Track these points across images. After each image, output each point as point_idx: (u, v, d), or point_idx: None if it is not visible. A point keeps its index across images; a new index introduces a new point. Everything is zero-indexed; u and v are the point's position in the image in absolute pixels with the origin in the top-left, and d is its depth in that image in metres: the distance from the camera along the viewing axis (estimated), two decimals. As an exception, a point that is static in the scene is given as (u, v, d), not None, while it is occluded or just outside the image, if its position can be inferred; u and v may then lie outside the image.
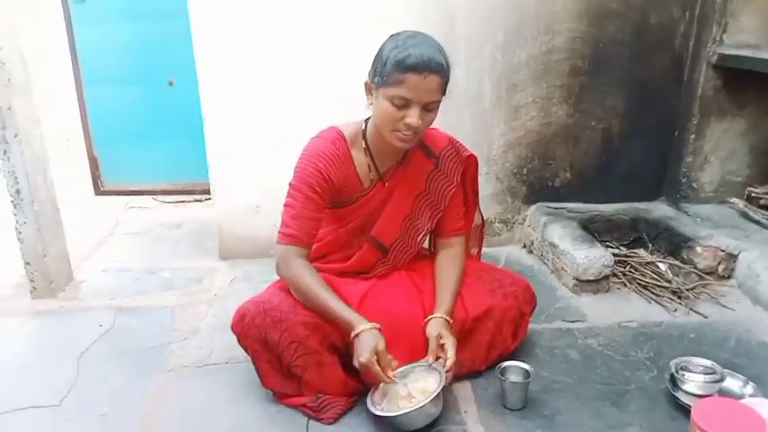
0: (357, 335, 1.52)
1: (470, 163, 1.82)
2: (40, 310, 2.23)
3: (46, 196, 2.29)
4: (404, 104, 1.50)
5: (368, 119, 1.69)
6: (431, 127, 1.75)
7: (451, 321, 1.68)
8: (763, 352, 1.90)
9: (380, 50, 1.54)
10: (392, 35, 1.55)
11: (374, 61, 1.55)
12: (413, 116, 1.50)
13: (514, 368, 1.67)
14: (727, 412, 1.29)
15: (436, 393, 1.50)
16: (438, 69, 1.48)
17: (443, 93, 1.54)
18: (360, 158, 1.69)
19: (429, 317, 1.69)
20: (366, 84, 1.59)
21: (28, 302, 2.28)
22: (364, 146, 1.69)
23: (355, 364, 1.52)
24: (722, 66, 2.52)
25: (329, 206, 1.71)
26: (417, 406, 1.49)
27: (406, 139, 1.56)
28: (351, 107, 1.82)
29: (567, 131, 2.71)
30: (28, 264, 2.28)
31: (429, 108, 1.53)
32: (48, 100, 3.63)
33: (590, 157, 2.76)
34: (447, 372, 1.56)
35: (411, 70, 1.45)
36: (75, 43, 3.05)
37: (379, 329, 1.54)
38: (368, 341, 1.51)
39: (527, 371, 1.65)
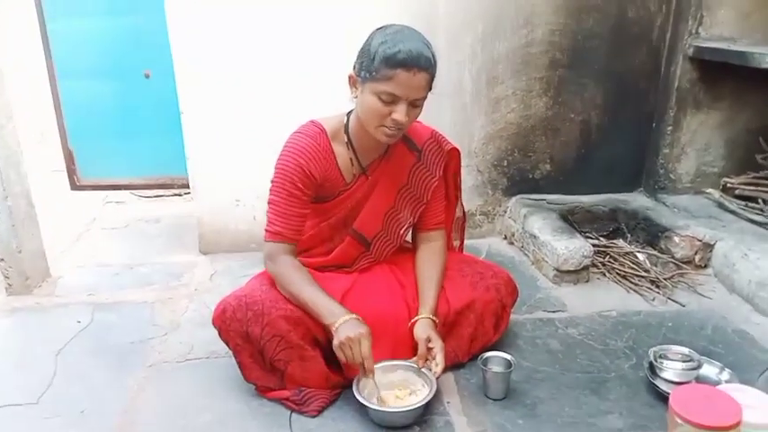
0: (342, 323, 1.50)
1: (453, 156, 1.82)
2: (16, 307, 2.19)
3: (20, 191, 2.24)
4: (391, 100, 1.49)
5: (350, 112, 1.67)
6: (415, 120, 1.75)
7: (437, 321, 1.68)
8: (738, 339, 1.94)
9: (367, 44, 1.52)
10: (379, 28, 1.53)
11: (360, 55, 1.53)
12: (400, 112, 1.49)
13: (496, 358, 1.68)
14: (704, 399, 1.31)
15: (425, 402, 1.51)
16: (427, 66, 1.47)
17: (430, 88, 1.54)
18: (341, 153, 1.68)
19: (415, 318, 1.68)
20: (350, 77, 1.57)
21: (3, 299, 2.24)
22: (346, 140, 1.68)
23: (335, 343, 1.49)
24: (698, 58, 2.55)
25: (312, 201, 1.70)
26: (412, 407, 1.50)
27: (391, 134, 1.55)
28: (330, 100, 1.81)
29: (546, 124, 2.72)
30: (2, 260, 2.23)
31: (415, 104, 1.52)
32: (21, 94, 3.57)
33: (569, 148, 2.78)
34: (436, 378, 1.57)
35: (401, 66, 1.44)
36: (47, 36, 2.99)
37: (363, 321, 1.54)
38: (352, 325, 1.50)
39: (509, 361, 1.66)
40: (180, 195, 3.37)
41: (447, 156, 1.78)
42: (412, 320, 1.68)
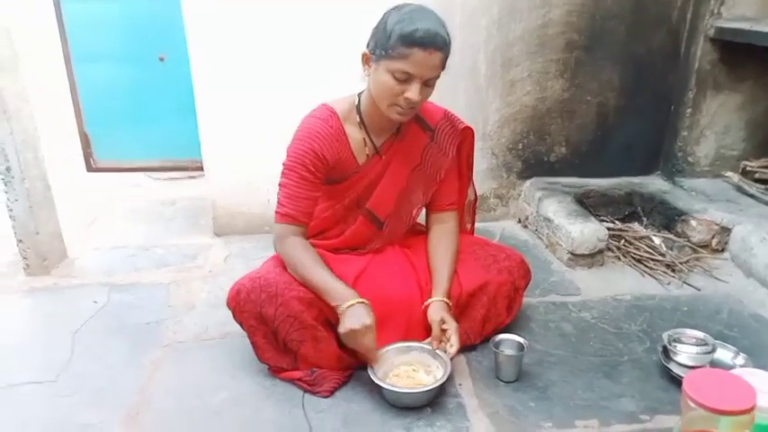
0: (348, 306, 1.51)
1: (466, 135, 1.80)
2: (34, 287, 2.23)
3: (37, 173, 2.27)
4: (405, 79, 1.48)
5: (361, 93, 1.67)
6: (426, 101, 1.73)
7: (451, 304, 1.68)
8: (754, 324, 1.92)
9: (383, 22, 1.51)
10: (394, 7, 1.52)
11: (375, 32, 1.53)
12: (413, 91, 1.49)
13: (508, 341, 1.68)
14: (718, 383, 1.30)
15: (439, 384, 1.52)
16: (443, 45, 1.47)
17: (443, 68, 1.53)
18: (354, 133, 1.68)
19: (429, 300, 1.68)
20: (364, 55, 1.56)
21: (21, 280, 2.28)
22: (358, 120, 1.67)
23: (341, 330, 1.51)
24: (719, 39, 2.50)
25: (324, 183, 1.70)
26: (428, 388, 1.51)
27: (403, 113, 1.55)
28: (344, 82, 1.79)
29: (562, 106, 2.69)
30: (20, 241, 2.26)
31: (429, 83, 1.52)
32: (38, 77, 3.59)
33: (585, 131, 2.75)
34: (451, 359, 1.58)
35: (417, 45, 1.44)
36: (62, 20, 3.00)
37: (371, 307, 1.54)
38: (359, 311, 1.50)
39: (521, 344, 1.66)
40: (194, 178, 3.39)
41: (461, 135, 1.77)
42: (425, 303, 1.69)
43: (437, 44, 1.45)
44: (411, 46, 1.44)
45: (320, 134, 1.62)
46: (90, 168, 3.34)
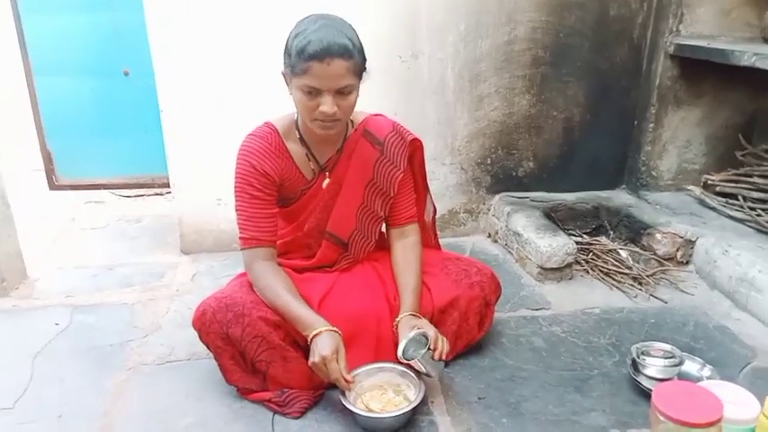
0: (316, 335, 1.49)
1: (416, 147, 1.78)
2: (-8, 310, 2.15)
3: (-5, 191, 2.20)
4: (315, 93, 1.47)
5: None
6: (377, 114, 1.73)
7: (419, 315, 1.66)
8: (719, 335, 1.95)
9: (287, 39, 1.52)
10: (298, 21, 1.53)
11: (284, 51, 1.53)
12: (326, 104, 1.48)
13: (411, 344, 1.55)
14: (686, 395, 1.31)
15: (412, 407, 1.49)
16: (342, 53, 1.44)
17: (358, 75, 1.51)
18: (296, 150, 1.67)
19: (397, 319, 1.64)
20: (283, 74, 1.56)
21: (-22, 302, 2.19)
22: (298, 136, 1.67)
23: (310, 363, 1.49)
24: (679, 56, 2.57)
25: (279, 204, 1.68)
26: (401, 411, 1.48)
27: (326, 126, 1.54)
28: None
29: (529, 121, 2.73)
30: (-23, 262, 2.19)
31: (344, 92, 1.49)
32: (-3, 91, 3.49)
33: (552, 146, 2.79)
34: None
35: (313, 58, 1.43)
36: (23, 33, 2.93)
37: (339, 333, 1.52)
38: (325, 341, 1.48)
39: (421, 336, 1.55)
40: (161, 195, 3.33)
41: (410, 147, 1.74)
42: (395, 322, 1.65)
43: (333, 53, 1.43)
44: (308, 60, 1.43)
45: (257, 151, 1.61)
46: (52, 186, 3.25)
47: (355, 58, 1.48)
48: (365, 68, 1.54)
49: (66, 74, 3.01)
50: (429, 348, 1.53)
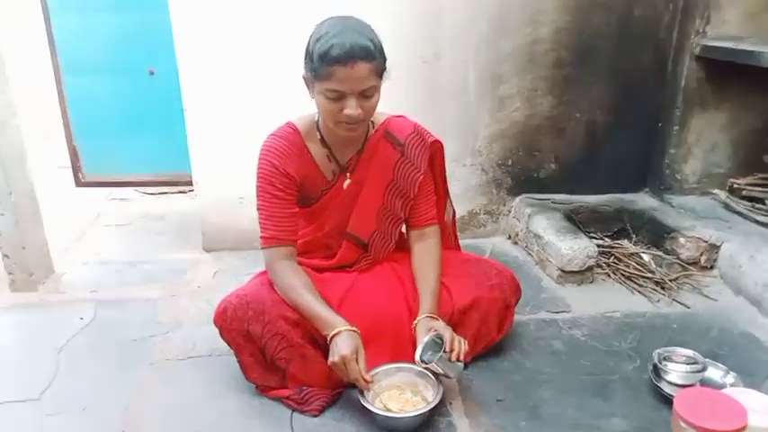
0: (335, 335, 1.50)
1: (436, 148, 1.78)
2: (20, 303, 2.20)
3: (24, 187, 2.25)
4: (339, 96, 1.47)
5: None
6: (399, 115, 1.73)
7: (438, 318, 1.65)
8: (744, 342, 1.92)
9: (308, 43, 1.51)
10: (318, 24, 1.52)
11: (304, 55, 1.53)
12: (351, 107, 1.47)
13: (428, 345, 1.55)
14: (708, 402, 1.30)
15: (430, 408, 1.50)
16: (364, 56, 1.44)
17: (380, 76, 1.51)
18: (317, 151, 1.68)
19: (415, 321, 1.64)
20: (304, 78, 1.56)
21: (7, 295, 2.25)
22: (319, 137, 1.67)
23: (329, 362, 1.50)
24: (705, 57, 2.53)
25: (299, 204, 1.69)
26: (418, 412, 1.49)
27: (351, 128, 1.54)
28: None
29: (551, 123, 2.71)
30: (6, 256, 2.24)
31: (367, 95, 1.49)
32: (27, 91, 3.57)
33: (575, 148, 2.77)
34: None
35: (336, 62, 1.42)
36: (52, 33, 2.99)
37: (358, 333, 1.52)
38: (345, 341, 1.49)
39: (434, 340, 1.54)
40: (184, 192, 3.37)
41: (430, 148, 1.74)
42: (413, 324, 1.64)
43: (356, 56, 1.42)
44: (331, 64, 1.42)
45: (278, 150, 1.62)
46: (78, 183, 3.31)
47: (377, 60, 1.48)
48: (385, 68, 1.54)
49: (94, 73, 3.06)
50: (444, 351, 1.53)
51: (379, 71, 1.50)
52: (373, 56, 1.46)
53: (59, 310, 2.15)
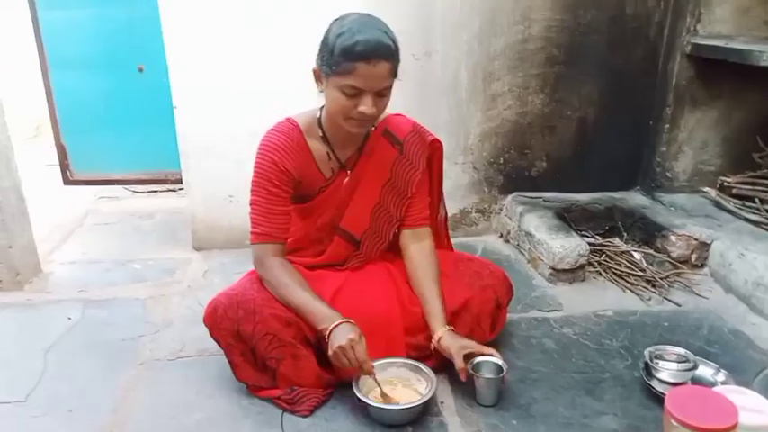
0: (335, 326, 1.49)
1: (435, 148, 1.78)
2: (6, 303, 2.17)
3: (10, 185, 2.22)
4: (355, 93, 1.46)
5: (323, 106, 1.65)
6: (397, 113, 1.73)
7: (455, 329, 1.65)
8: (734, 340, 1.93)
9: (326, 37, 1.49)
10: (336, 19, 1.51)
11: (320, 48, 1.51)
12: (366, 104, 1.47)
13: (488, 363, 1.62)
14: (700, 400, 1.30)
15: (425, 400, 1.50)
16: (387, 55, 1.44)
17: (395, 76, 1.51)
18: (317, 147, 1.66)
19: (436, 336, 1.61)
20: (315, 71, 1.55)
21: (-7, 295, 2.22)
22: (321, 134, 1.66)
23: (330, 353, 1.48)
24: (696, 56, 2.54)
25: (294, 201, 1.68)
26: (414, 404, 1.49)
27: (361, 125, 1.54)
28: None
29: (543, 121, 2.71)
30: (-8, 255, 2.21)
31: (382, 94, 1.49)
32: (14, 88, 3.53)
33: (566, 146, 2.77)
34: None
35: (360, 59, 1.41)
36: (39, 28, 2.95)
37: (355, 324, 1.52)
38: (347, 328, 1.48)
39: (500, 366, 1.60)
40: (174, 191, 3.35)
41: (429, 148, 1.74)
42: (435, 339, 1.62)
43: (380, 55, 1.42)
44: (354, 60, 1.41)
45: (279, 146, 1.60)
46: (67, 180, 3.27)
47: (397, 60, 1.48)
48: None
49: (82, 69, 3.02)
50: (502, 378, 1.58)
51: (396, 71, 1.50)
52: (394, 56, 1.47)
53: (47, 310, 2.12)
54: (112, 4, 2.89)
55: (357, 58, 1.41)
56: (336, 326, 1.49)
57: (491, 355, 1.60)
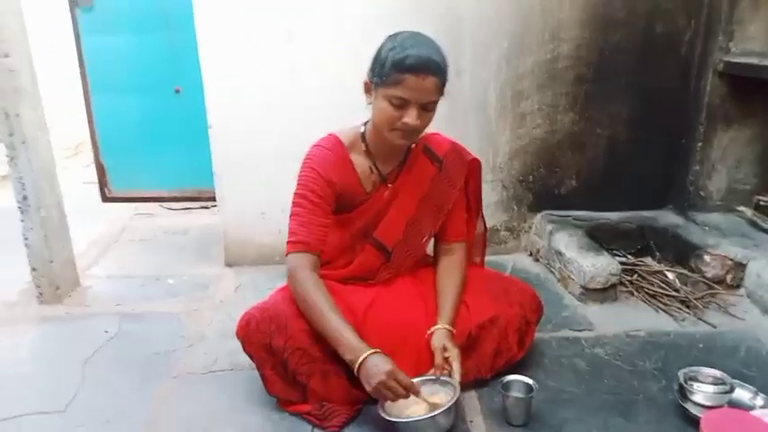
0: (364, 359, 1.47)
1: (473, 167, 1.82)
2: (47, 316, 2.24)
3: (53, 202, 2.30)
4: (402, 104, 1.51)
5: (366, 122, 1.70)
6: (435, 132, 1.75)
7: (454, 331, 1.67)
8: (772, 362, 1.88)
9: (379, 50, 1.55)
10: (391, 35, 1.56)
11: (373, 61, 1.56)
12: (411, 116, 1.51)
13: (518, 383, 1.63)
14: (737, 424, 1.27)
15: (449, 405, 1.49)
16: (436, 70, 1.49)
17: (442, 93, 1.55)
18: (360, 162, 1.70)
19: (432, 328, 1.68)
20: (365, 83, 1.60)
21: (34, 308, 2.29)
22: (364, 148, 1.70)
23: (369, 389, 1.46)
24: (729, 74, 2.51)
25: (333, 212, 1.71)
26: (431, 414, 1.48)
27: (404, 136, 1.57)
28: (356, 113, 1.81)
29: (572, 139, 2.70)
30: (34, 269, 2.28)
31: (427, 108, 1.54)
32: (57, 107, 3.66)
33: (596, 164, 2.75)
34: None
35: (409, 71, 1.46)
36: (82, 51, 3.07)
37: (382, 353, 1.50)
38: (380, 361, 1.46)
39: (530, 385, 1.60)
40: (207, 208, 3.42)
41: (468, 166, 1.79)
42: (429, 331, 1.67)
43: (429, 69, 1.48)
44: (403, 72, 1.47)
45: (324, 160, 1.65)
46: (105, 198, 3.37)
47: (444, 77, 1.53)
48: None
49: (121, 92, 3.12)
50: (531, 397, 1.58)
51: (442, 89, 1.55)
52: (442, 72, 1.52)
53: (85, 323, 2.18)
54: (152, 29, 2.99)
55: (406, 70, 1.46)
56: (366, 359, 1.46)
57: (450, 375, 1.58)
